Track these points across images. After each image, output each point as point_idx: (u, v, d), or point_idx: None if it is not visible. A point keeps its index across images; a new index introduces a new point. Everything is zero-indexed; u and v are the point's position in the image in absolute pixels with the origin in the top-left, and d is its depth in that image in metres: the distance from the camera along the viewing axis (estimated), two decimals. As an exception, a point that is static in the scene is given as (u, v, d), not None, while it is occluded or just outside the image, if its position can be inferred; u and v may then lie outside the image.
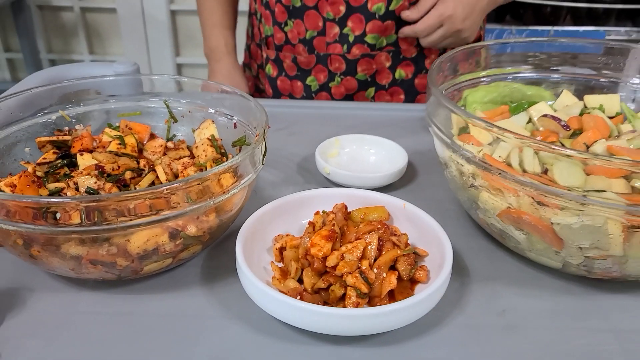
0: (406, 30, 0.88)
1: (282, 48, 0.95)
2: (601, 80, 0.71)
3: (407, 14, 0.87)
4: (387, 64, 0.93)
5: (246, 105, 0.58)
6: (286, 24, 0.93)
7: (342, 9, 0.88)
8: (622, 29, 1.37)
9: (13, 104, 0.55)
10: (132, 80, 0.68)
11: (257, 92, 1.09)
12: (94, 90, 0.64)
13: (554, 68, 0.73)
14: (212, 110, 0.62)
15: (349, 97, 0.95)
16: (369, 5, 0.87)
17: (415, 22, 0.87)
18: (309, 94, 0.96)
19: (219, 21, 1.05)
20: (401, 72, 0.94)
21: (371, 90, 0.95)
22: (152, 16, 1.89)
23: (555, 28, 1.35)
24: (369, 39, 0.90)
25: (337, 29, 0.90)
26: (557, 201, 0.44)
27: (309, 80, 0.95)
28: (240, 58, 1.10)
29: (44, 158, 0.55)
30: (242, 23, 1.34)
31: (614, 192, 0.45)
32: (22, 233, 0.43)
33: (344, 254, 0.46)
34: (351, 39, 0.90)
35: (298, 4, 0.90)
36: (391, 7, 0.87)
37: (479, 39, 1.00)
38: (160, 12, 1.89)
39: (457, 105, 0.49)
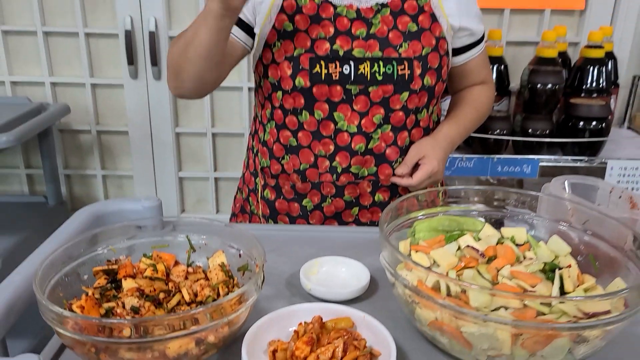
0: (403, 182, 1.09)
1: (278, 177, 1.15)
2: (519, 216, 0.90)
3: (399, 172, 1.09)
4: (368, 190, 1.13)
5: (249, 240, 0.76)
6: (283, 158, 1.12)
7: (331, 147, 1.09)
8: (553, 157, 1.62)
9: (79, 243, 0.73)
10: (157, 214, 0.89)
11: (244, 213, 1.25)
12: (133, 226, 0.82)
13: (483, 205, 0.93)
14: (223, 243, 0.80)
15: (338, 214, 1.14)
16: (352, 145, 1.08)
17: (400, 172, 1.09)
18: (304, 213, 1.15)
19: None
20: (379, 196, 1.14)
21: (355, 209, 1.14)
22: (159, 137, 2.12)
23: (498, 156, 1.59)
24: (353, 169, 1.10)
25: (327, 163, 1.10)
26: (467, 317, 0.62)
27: (304, 202, 1.14)
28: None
29: (98, 283, 0.72)
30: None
31: (506, 309, 0.63)
32: (91, 342, 0.59)
33: (319, 355, 0.63)
34: (339, 170, 1.10)
35: (294, 144, 1.10)
36: (369, 146, 1.08)
37: None
38: (166, 134, 2.12)
39: (397, 248, 0.68)
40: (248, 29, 1.09)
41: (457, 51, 1.15)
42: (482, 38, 1.18)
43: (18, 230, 1.82)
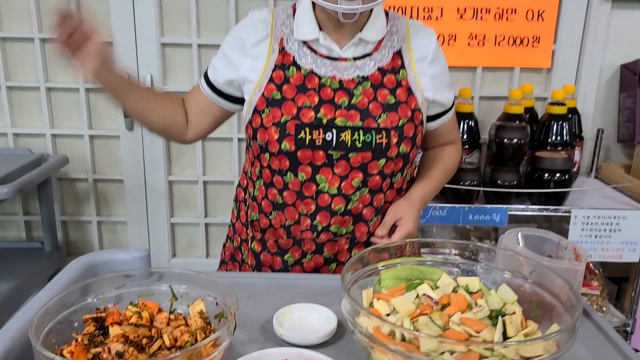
0: (384, 242, 1.16)
1: (266, 231, 1.21)
2: (477, 267, 0.97)
3: (379, 233, 1.17)
4: (346, 247, 1.19)
5: (224, 289, 0.84)
6: (271, 214, 1.19)
7: (313, 207, 1.15)
8: (520, 206, 1.71)
9: (72, 293, 0.80)
10: (144, 264, 0.97)
11: (234, 261, 1.32)
12: (122, 276, 0.89)
13: (445, 257, 1.01)
14: (202, 292, 0.87)
15: (317, 269, 1.20)
16: (332, 206, 1.15)
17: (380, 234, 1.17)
18: (286, 266, 1.21)
19: (136, 82, 1.20)
20: (356, 252, 1.20)
21: (333, 265, 1.21)
22: (152, 185, 2.21)
23: (469, 205, 1.68)
24: (332, 228, 1.16)
25: (309, 221, 1.16)
26: (414, 360, 0.70)
27: (286, 257, 1.20)
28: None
29: (87, 330, 0.79)
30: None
31: (452, 353, 0.70)
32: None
33: (283, 395, 0.69)
34: (319, 228, 1.16)
35: (280, 201, 1.17)
36: (348, 207, 1.15)
37: None
38: (159, 182, 2.21)
39: (355, 299, 0.76)
40: (219, 93, 1.21)
41: (430, 118, 1.24)
42: (452, 105, 1.27)
43: (15, 276, 1.88)
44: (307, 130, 1.10)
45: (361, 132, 1.11)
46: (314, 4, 1.15)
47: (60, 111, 2.15)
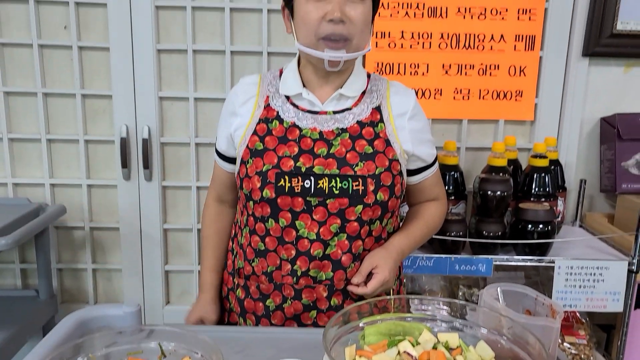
0: (359, 291, 1.19)
1: (249, 277, 1.26)
2: (459, 323, 1.00)
3: (355, 281, 1.19)
4: (325, 294, 1.22)
5: (211, 347, 0.86)
6: (253, 261, 1.24)
7: (293, 252, 1.20)
8: (505, 256, 1.74)
9: (63, 353, 0.83)
10: (136, 319, 0.99)
11: (223, 310, 1.37)
12: (112, 332, 0.92)
13: (433, 313, 1.04)
14: (190, 350, 0.90)
15: (297, 316, 1.23)
16: (311, 251, 1.19)
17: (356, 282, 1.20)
18: (267, 312, 1.24)
19: (211, 266, 1.36)
20: (335, 300, 1.24)
21: (314, 313, 1.24)
22: (148, 233, 2.24)
23: (455, 256, 1.71)
24: (311, 273, 1.21)
25: (289, 266, 1.21)
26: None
27: (268, 302, 1.24)
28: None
29: (78, 388, 0.82)
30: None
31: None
32: None
33: None
34: (299, 273, 1.21)
35: (262, 248, 1.22)
36: (327, 252, 1.19)
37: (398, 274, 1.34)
38: (154, 230, 2.24)
39: (333, 359, 0.79)
40: (227, 159, 1.32)
41: (412, 172, 1.29)
42: (435, 161, 1.32)
43: (9, 324, 1.88)
44: (287, 178, 1.16)
45: (338, 180, 1.17)
46: (299, 64, 1.24)
47: (60, 161, 2.20)
